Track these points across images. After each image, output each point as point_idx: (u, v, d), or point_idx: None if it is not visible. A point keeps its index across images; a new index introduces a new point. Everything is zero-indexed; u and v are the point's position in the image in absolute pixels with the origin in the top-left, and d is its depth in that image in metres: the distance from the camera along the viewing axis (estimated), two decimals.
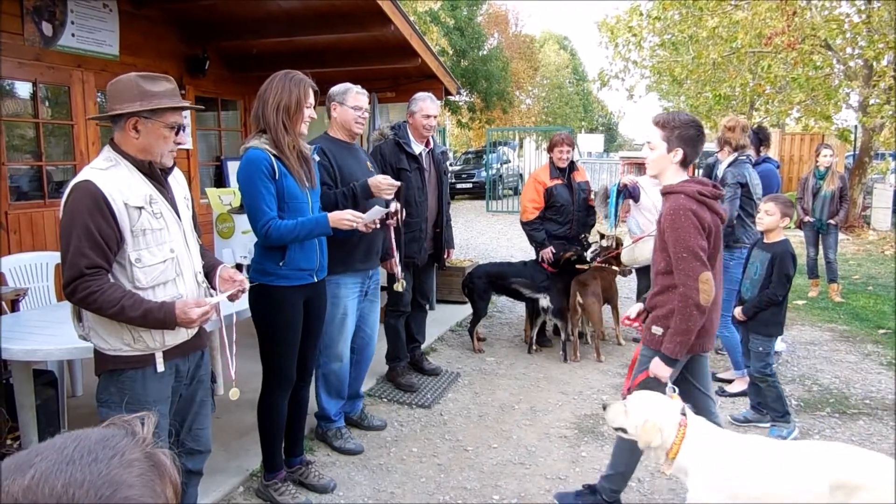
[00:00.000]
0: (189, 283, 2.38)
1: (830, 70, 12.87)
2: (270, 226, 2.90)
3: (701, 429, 2.52)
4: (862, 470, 2.25)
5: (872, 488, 2.17)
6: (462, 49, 24.30)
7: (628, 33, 14.55)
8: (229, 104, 7.72)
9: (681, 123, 2.84)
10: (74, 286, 2.10)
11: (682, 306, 2.71)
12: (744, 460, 2.39)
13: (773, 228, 4.06)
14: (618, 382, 4.98)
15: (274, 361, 3.14)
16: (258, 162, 2.90)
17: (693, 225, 2.70)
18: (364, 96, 3.74)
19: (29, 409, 3.34)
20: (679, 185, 2.83)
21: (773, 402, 4.02)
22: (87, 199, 2.10)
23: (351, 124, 3.71)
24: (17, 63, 4.99)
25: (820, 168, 7.65)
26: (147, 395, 2.28)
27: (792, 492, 2.27)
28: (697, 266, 2.68)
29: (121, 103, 2.22)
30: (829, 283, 7.71)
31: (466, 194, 20.75)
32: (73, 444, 0.64)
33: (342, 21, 6.01)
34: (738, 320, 4.18)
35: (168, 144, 2.30)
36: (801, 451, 2.45)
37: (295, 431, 3.41)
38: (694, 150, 2.87)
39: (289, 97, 2.94)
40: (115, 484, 0.61)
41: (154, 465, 0.67)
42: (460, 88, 8.48)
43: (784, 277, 3.98)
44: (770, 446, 2.48)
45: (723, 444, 2.47)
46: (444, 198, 4.78)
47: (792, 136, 17.95)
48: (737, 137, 4.78)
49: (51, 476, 0.60)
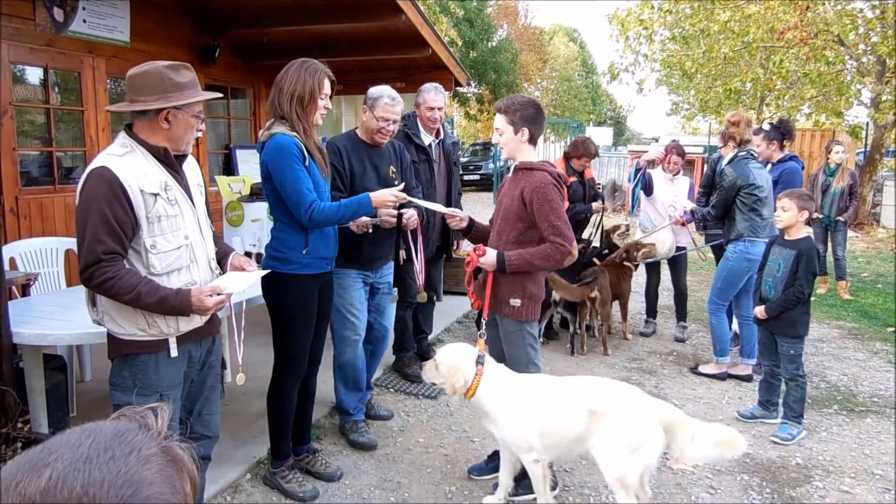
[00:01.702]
0: (203, 269, 2.39)
1: (843, 66, 12.77)
2: (314, 208, 2.89)
3: (494, 373, 2.95)
4: (607, 400, 2.81)
5: (613, 415, 2.75)
6: (471, 40, 24.24)
7: (639, 26, 14.46)
8: (239, 93, 7.72)
9: (520, 105, 3.08)
10: (91, 272, 2.10)
11: (552, 251, 2.99)
12: (526, 395, 2.89)
13: (793, 224, 3.93)
14: (624, 376, 4.98)
15: (289, 350, 3.14)
16: (289, 147, 2.88)
17: (561, 197, 3.03)
18: (395, 107, 3.57)
19: (39, 394, 3.36)
20: (539, 164, 3.11)
21: (795, 403, 3.96)
22: (103, 185, 2.11)
23: (373, 133, 3.61)
24: (29, 48, 5.00)
25: (830, 165, 7.61)
26: (160, 380, 2.30)
27: (560, 418, 2.83)
28: (571, 235, 3.03)
29: (151, 95, 2.21)
30: (837, 281, 7.69)
31: (474, 186, 20.73)
32: (88, 441, 0.62)
33: (353, 10, 6.00)
34: (759, 319, 4.07)
35: (194, 133, 2.33)
36: (568, 385, 2.95)
37: (302, 420, 3.42)
38: (538, 127, 3.11)
39: (303, 87, 2.91)
40: (135, 483, 0.60)
41: (171, 459, 0.66)
42: (470, 79, 8.44)
43: (811, 275, 3.88)
44: (546, 383, 2.96)
45: (511, 385, 2.93)
46: (453, 189, 4.77)
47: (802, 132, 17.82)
48: (741, 132, 4.69)
49: (69, 477, 0.58)
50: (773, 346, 4.08)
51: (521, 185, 3.06)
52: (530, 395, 2.90)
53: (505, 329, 3.21)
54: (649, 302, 6.13)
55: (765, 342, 4.16)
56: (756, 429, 4.09)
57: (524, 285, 3.10)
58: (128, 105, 2.25)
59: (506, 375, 2.99)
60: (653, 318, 6.15)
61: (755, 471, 3.59)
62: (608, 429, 2.75)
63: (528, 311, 3.14)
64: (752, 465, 3.65)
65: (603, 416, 2.76)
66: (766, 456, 3.76)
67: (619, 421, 2.74)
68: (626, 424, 2.74)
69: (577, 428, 2.79)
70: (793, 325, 3.94)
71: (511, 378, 2.98)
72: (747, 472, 3.57)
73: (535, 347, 3.23)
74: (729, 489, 3.40)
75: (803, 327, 3.97)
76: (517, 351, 3.20)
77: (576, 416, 2.80)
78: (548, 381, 3.01)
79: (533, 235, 3.06)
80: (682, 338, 5.86)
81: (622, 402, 2.80)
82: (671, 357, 5.47)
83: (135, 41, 5.86)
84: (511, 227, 3.12)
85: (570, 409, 2.82)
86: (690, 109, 26.90)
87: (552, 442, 2.87)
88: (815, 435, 4.03)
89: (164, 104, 2.20)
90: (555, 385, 2.95)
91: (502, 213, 3.18)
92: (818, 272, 3.97)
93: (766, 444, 3.90)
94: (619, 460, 2.72)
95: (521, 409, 2.87)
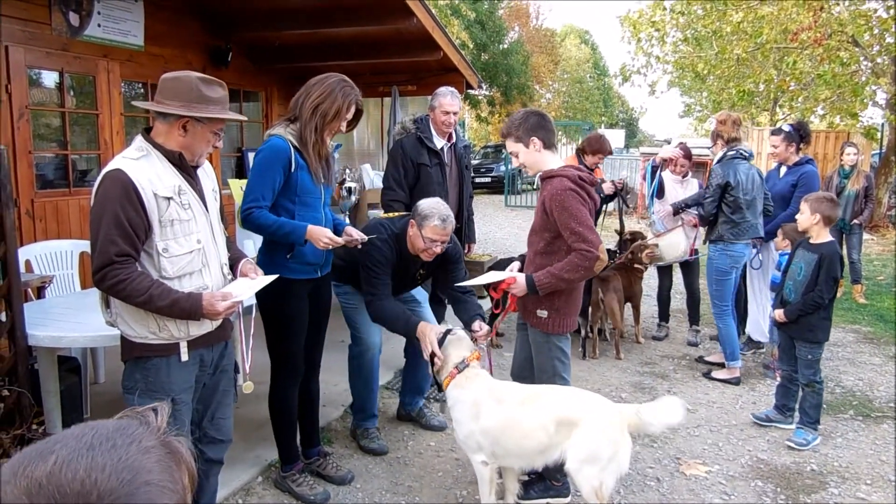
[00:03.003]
0: (215, 274, 2.40)
1: (857, 67, 12.64)
2: (254, 211, 2.91)
3: (468, 376, 2.98)
4: (578, 409, 2.76)
5: (584, 425, 2.71)
6: (483, 43, 24.22)
7: (651, 28, 14.40)
8: (251, 95, 7.76)
9: (519, 120, 3.06)
10: (104, 273, 2.12)
11: (579, 261, 2.88)
12: (487, 400, 2.88)
13: (808, 227, 3.94)
14: (636, 380, 4.95)
15: (281, 352, 3.16)
16: (277, 152, 2.91)
17: (582, 202, 2.91)
18: (447, 228, 3.33)
19: (53, 395, 3.39)
20: (560, 170, 3.01)
21: (811, 409, 3.93)
22: (117, 187, 2.13)
23: (418, 251, 3.41)
24: (45, 53, 5.04)
25: (844, 167, 7.54)
26: (171, 384, 2.31)
27: (520, 427, 2.79)
28: (596, 238, 2.90)
29: (176, 101, 2.23)
30: (852, 284, 7.61)
31: (485, 188, 20.72)
32: (92, 433, 0.65)
33: (365, 14, 6.01)
34: (778, 322, 4.05)
35: (209, 148, 2.35)
36: (538, 394, 2.91)
37: (309, 423, 3.44)
38: (546, 132, 3.05)
39: (331, 104, 2.92)
40: (135, 469, 0.63)
41: (170, 452, 0.69)
42: (481, 82, 8.44)
43: (832, 280, 3.84)
44: (513, 392, 2.94)
45: (477, 388, 2.94)
46: (465, 192, 4.76)
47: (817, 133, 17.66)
48: (728, 130, 4.83)
49: (72, 461, 0.61)
50: (791, 351, 4.05)
51: (543, 194, 3.04)
52: (492, 401, 2.89)
53: (533, 338, 3.22)
54: (662, 305, 6.09)
55: (784, 346, 4.12)
56: (770, 434, 4.06)
57: (551, 297, 3.05)
58: (153, 104, 2.27)
59: (477, 379, 2.99)
60: (665, 322, 6.12)
61: (770, 477, 3.56)
62: (580, 442, 2.71)
63: (554, 323, 3.09)
64: (766, 471, 3.61)
65: (571, 427, 2.73)
66: (781, 462, 3.72)
67: (590, 433, 2.71)
68: (597, 437, 2.71)
69: (540, 438, 2.76)
70: (812, 331, 3.90)
71: (481, 382, 2.98)
72: (762, 478, 3.53)
73: (564, 361, 3.16)
74: (743, 495, 3.37)
75: (823, 333, 3.94)
76: (543, 362, 3.18)
77: (538, 427, 2.76)
78: (516, 389, 3.00)
79: (561, 244, 3.00)
80: (695, 342, 5.82)
81: (591, 414, 2.76)
82: (684, 361, 5.43)
83: (148, 45, 5.91)
84: (539, 237, 3.10)
85: (533, 419, 2.79)
86: (703, 111, 26.77)
87: (508, 449, 2.86)
88: (831, 441, 3.99)
89: (186, 112, 2.23)
90: (522, 394, 2.93)
91: (532, 225, 3.18)
92: (839, 277, 3.92)
93: (780, 450, 3.86)
94: (595, 473, 2.70)
95: (477, 411, 2.88)
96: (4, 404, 3.05)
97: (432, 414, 4.18)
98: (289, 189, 2.97)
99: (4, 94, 4.69)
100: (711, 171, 4.88)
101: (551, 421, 2.75)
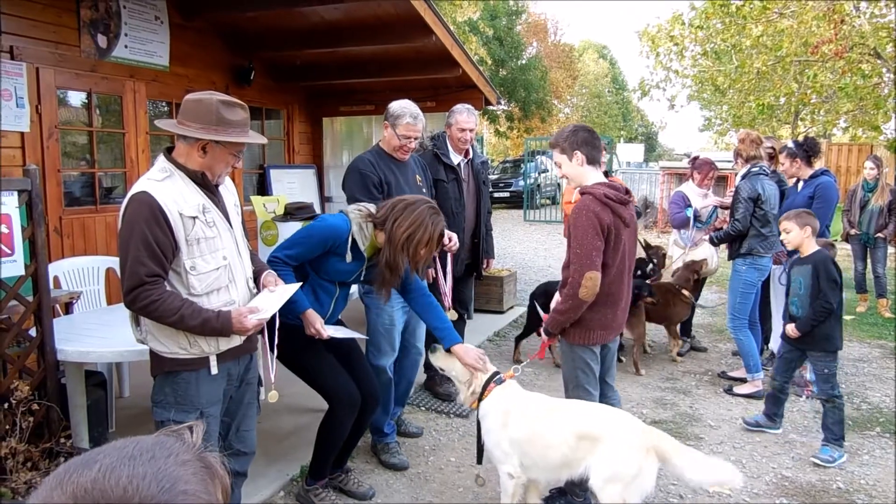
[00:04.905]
0: (241, 288, 2.45)
1: (880, 79, 12.51)
2: (279, 265, 2.91)
3: (502, 390, 3.02)
4: (599, 425, 2.78)
5: (608, 440, 2.71)
6: (501, 59, 24.35)
7: (670, 42, 14.38)
8: (272, 113, 7.87)
9: (567, 133, 3.13)
10: (135, 295, 2.17)
11: (567, 294, 3.02)
12: (517, 412, 2.92)
13: (800, 243, 3.99)
14: (658, 396, 4.92)
15: (325, 389, 3.15)
16: (336, 234, 2.99)
17: (592, 225, 2.94)
18: (417, 125, 3.72)
19: (81, 409, 3.45)
20: (591, 187, 3.04)
21: (834, 425, 3.88)
22: (144, 209, 2.18)
23: (394, 150, 3.77)
24: (74, 74, 5.17)
25: (868, 180, 7.46)
26: (200, 397, 2.34)
27: (550, 439, 2.82)
28: (586, 264, 2.94)
29: (197, 123, 2.29)
30: (877, 298, 7.51)
31: (504, 203, 20.73)
32: (133, 445, 0.69)
33: (385, 32, 6.09)
34: (791, 338, 4.03)
35: (228, 169, 2.40)
36: (563, 407, 2.97)
37: (347, 447, 3.41)
38: (590, 148, 3.09)
39: (423, 234, 2.94)
40: (173, 478, 0.66)
41: (205, 466, 0.72)
42: (500, 98, 8.48)
43: (832, 283, 3.86)
44: (543, 404, 2.99)
45: (508, 400, 2.98)
46: (482, 208, 4.79)
47: (839, 146, 17.50)
48: (746, 149, 4.93)
49: (115, 469, 0.65)
50: (792, 364, 4.16)
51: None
52: (519, 410, 2.93)
53: (560, 348, 3.29)
54: (684, 321, 6.05)
55: (787, 358, 4.17)
56: (795, 451, 4.00)
57: None
58: (174, 125, 2.33)
59: (510, 393, 3.03)
60: (687, 338, 6.07)
61: (795, 494, 3.51)
62: (603, 459, 2.70)
63: (574, 334, 3.11)
64: (791, 489, 3.56)
65: (593, 442, 2.74)
66: (806, 479, 3.67)
67: (612, 451, 2.70)
68: (620, 456, 2.70)
69: (562, 451, 2.78)
70: (828, 339, 3.92)
71: (513, 395, 3.02)
72: (786, 496, 3.49)
73: (587, 372, 3.16)
74: None
75: (839, 340, 3.96)
76: (567, 372, 3.24)
77: (560, 440, 2.79)
78: (543, 401, 3.03)
79: None
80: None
81: (613, 431, 2.76)
82: (706, 377, 5.38)
83: (173, 65, 6.03)
84: (567, 252, 3.15)
85: (555, 431, 2.82)
86: (723, 125, 26.59)
87: (534, 460, 2.89)
88: (857, 458, 3.92)
89: (204, 135, 2.27)
90: (547, 405, 2.97)
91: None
92: (840, 280, 3.93)
93: (805, 468, 3.81)
94: (619, 491, 2.68)
95: (506, 420, 2.92)
96: (34, 418, 3.11)
97: (409, 422, 4.27)
98: (320, 263, 3.03)
99: (35, 114, 4.82)
100: (737, 186, 4.91)
101: (572, 434, 2.77)
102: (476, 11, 24.52)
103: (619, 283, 3.11)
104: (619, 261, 3.06)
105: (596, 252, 2.93)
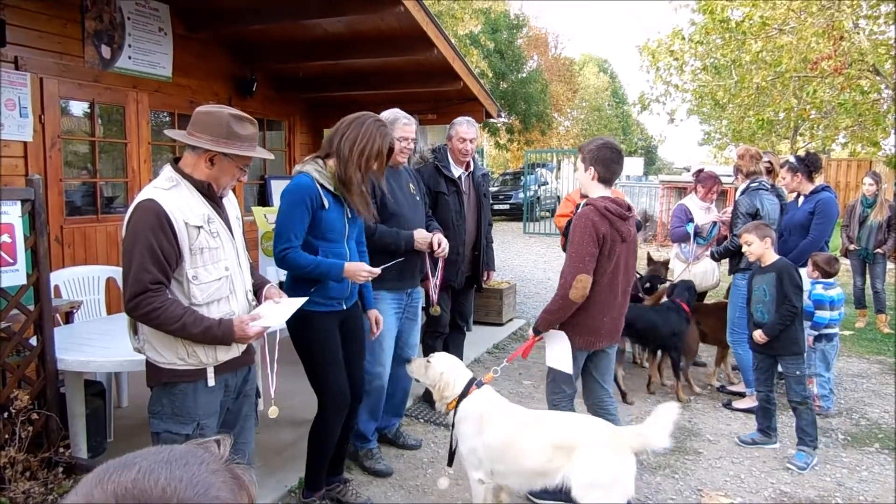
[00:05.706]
0: (241, 300, 2.46)
1: (879, 95, 12.58)
2: (288, 253, 2.96)
3: (480, 395, 3.05)
4: (574, 434, 2.83)
5: (581, 450, 2.76)
6: (502, 72, 24.46)
7: (670, 57, 14.46)
8: (274, 124, 7.91)
9: (593, 147, 3.26)
10: (138, 301, 2.17)
11: (558, 295, 3.16)
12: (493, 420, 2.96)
13: (762, 253, 4.17)
14: None
15: (321, 384, 3.17)
16: (303, 190, 2.97)
17: (588, 233, 3.08)
18: (411, 126, 3.84)
19: (80, 418, 3.45)
20: (594, 199, 3.20)
21: (808, 427, 4.03)
22: (150, 217, 2.19)
23: (395, 154, 3.77)
24: (78, 84, 5.21)
25: (867, 196, 7.48)
26: (197, 409, 2.35)
27: (525, 448, 2.87)
28: (579, 267, 3.09)
29: (206, 134, 2.31)
30: (876, 314, 7.51)
31: (503, 216, 20.77)
32: (167, 451, 0.73)
33: (387, 45, 6.14)
34: (759, 343, 4.16)
35: (233, 181, 2.43)
36: (539, 418, 3.02)
37: (338, 453, 3.43)
38: (606, 168, 3.22)
39: (372, 145, 3.00)
40: (207, 484, 0.69)
41: (234, 477, 0.75)
42: (500, 111, 8.52)
43: (796, 288, 4.05)
44: (520, 413, 3.04)
45: (484, 407, 3.01)
46: (483, 220, 4.80)
47: (839, 161, 17.55)
48: (746, 164, 5.01)
49: (154, 471, 0.68)
50: (769, 373, 4.25)
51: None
52: (496, 417, 2.98)
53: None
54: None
55: (761, 367, 4.27)
56: (757, 452, 4.00)
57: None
58: (184, 136, 2.35)
59: (487, 400, 3.07)
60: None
61: None
62: (579, 468, 2.75)
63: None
64: None
65: (569, 451, 2.79)
66: (805, 495, 3.66)
67: (587, 459, 2.75)
68: (595, 462, 2.75)
69: (538, 459, 2.83)
70: (795, 342, 4.10)
71: (490, 402, 3.06)
72: None
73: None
74: None
75: (804, 342, 4.18)
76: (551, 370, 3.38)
77: (536, 449, 2.84)
78: (520, 410, 3.09)
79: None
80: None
81: (587, 439, 2.81)
82: (705, 391, 5.38)
83: (176, 76, 6.07)
84: None
85: (531, 441, 2.87)
86: (723, 139, 26.67)
87: (508, 467, 2.93)
88: (856, 474, 3.92)
89: (213, 147, 2.30)
90: (524, 415, 3.04)
91: None
92: (801, 284, 4.11)
93: (804, 483, 3.80)
94: (600, 497, 2.73)
95: (481, 427, 2.96)
96: (33, 427, 3.10)
97: (408, 434, 4.26)
98: (314, 227, 3.03)
99: (38, 123, 4.84)
100: (737, 201, 4.96)
101: (548, 444, 2.83)
102: (478, 25, 24.66)
103: (610, 292, 3.22)
104: (611, 271, 3.18)
105: (589, 257, 3.08)
